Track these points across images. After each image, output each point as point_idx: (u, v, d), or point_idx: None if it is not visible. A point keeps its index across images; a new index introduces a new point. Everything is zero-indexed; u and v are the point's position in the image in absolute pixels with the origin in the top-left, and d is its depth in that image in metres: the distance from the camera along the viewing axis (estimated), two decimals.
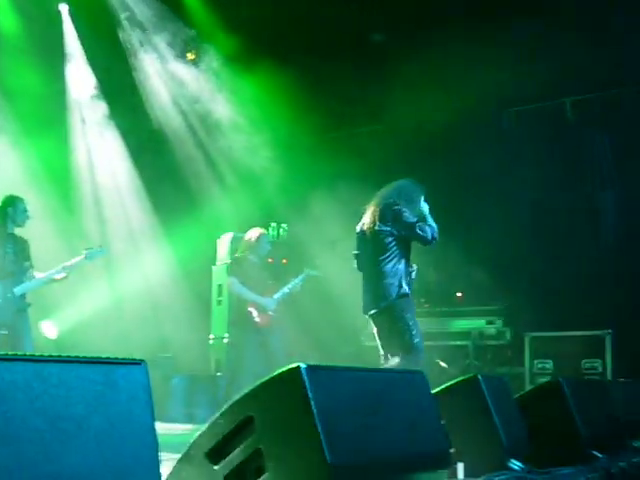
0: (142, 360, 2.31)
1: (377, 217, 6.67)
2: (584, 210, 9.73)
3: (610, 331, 9.33)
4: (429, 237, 6.68)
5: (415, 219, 6.66)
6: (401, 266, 6.69)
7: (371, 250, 6.75)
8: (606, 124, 10.54)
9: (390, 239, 6.64)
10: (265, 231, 9.56)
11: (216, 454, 2.79)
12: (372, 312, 6.82)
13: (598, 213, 9.88)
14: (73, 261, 7.80)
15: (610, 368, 9.18)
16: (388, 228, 6.62)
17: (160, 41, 12.42)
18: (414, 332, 6.57)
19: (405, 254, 6.74)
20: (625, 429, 5.48)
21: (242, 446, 2.71)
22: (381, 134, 12.65)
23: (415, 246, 6.87)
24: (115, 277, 12.32)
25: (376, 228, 6.66)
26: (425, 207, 6.91)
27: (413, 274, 6.94)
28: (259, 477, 2.64)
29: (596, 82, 10.61)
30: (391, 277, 6.64)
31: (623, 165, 10.19)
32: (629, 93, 10.57)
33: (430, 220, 6.82)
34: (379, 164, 11.96)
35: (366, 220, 6.83)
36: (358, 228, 6.96)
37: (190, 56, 12.80)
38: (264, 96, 12.10)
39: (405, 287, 6.65)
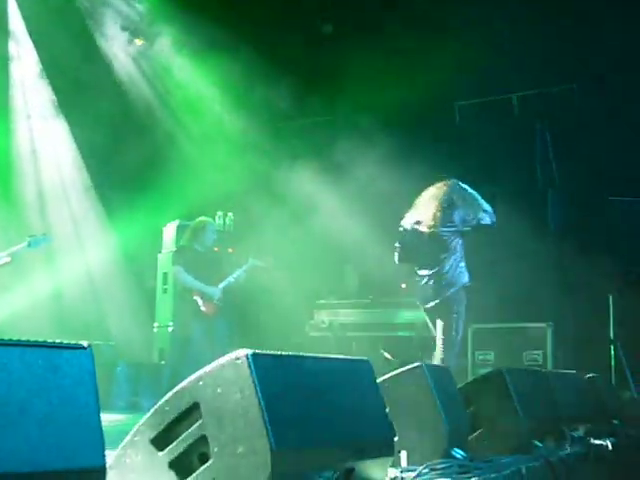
0: (88, 345, 2.28)
1: (439, 219, 7.30)
2: (529, 204, 9.85)
3: (551, 323, 9.47)
4: (490, 223, 7.43)
5: (473, 214, 7.35)
6: (461, 261, 7.42)
7: (433, 249, 7.36)
8: (549, 120, 10.68)
9: (452, 238, 7.31)
10: (211, 220, 9.52)
11: (161, 440, 2.77)
12: (432, 304, 7.42)
13: (544, 207, 10.01)
14: (15, 248, 7.67)
15: (551, 360, 9.33)
16: (453, 229, 7.31)
17: (113, 22, 12.25)
18: (461, 326, 7.34)
19: (463, 249, 7.46)
20: (565, 419, 5.58)
21: (187, 432, 2.70)
22: (334, 124, 12.67)
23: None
24: (58, 265, 12.14)
25: (438, 229, 7.30)
26: (474, 192, 7.52)
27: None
28: (204, 463, 2.64)
29: (540, 79, 10.75)
30: (452, 271, 7.30)
31: (564, 160, 10.34)
32: (571, 90, 10.73)
33: (484, 205, 7.45)
34: (331, 155, 11.99)
35: (423, 219, 7.40)
36: (408, 225, 7.53)
37: (138, 42, 12.65)
38: (215, 84, 12.04)
39: (467, 278, 7.42)
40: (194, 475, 2.66)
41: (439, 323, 7.37)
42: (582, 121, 10.30)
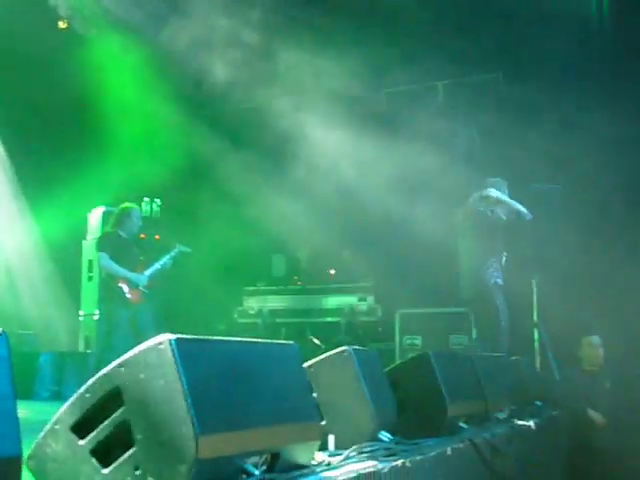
0: (1, 331, 2.21)
1: (467, 223, 8.29)
2: (456, 189, 9.94)
3: None
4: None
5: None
6: (493, 258, 8.13)
7: (470, 245, 8.23)
8: (474, 107, 10.79)
9: (480, 239, 8.14)
10: (136, 206, 9.39)
11: (82, 428, 2.70)
12: (468, 296, 8.29)
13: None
14: None
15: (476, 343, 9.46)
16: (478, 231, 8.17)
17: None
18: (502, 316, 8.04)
19: (493, 249, 8.22)
20: (490, 401, 5.65)
21: (109, 420, 2.64)
22: (257, 112, 12.61)
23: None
24: None
25: (468, 231, 8.31)
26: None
27: (503, 260, 8.39)
28: (127, 450, 2.58)
29: (466, 68, 10.87)
30: (484, 269, 8.07)
31: (487, 147, 10.46)
32: (496, 78, 10.86)
33: (515, 205, 8.28)
34: (254, 143, 11.96)
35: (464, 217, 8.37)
36: None
37: (62, 24, 12.34)
38: (139, 69, 11.87)
39: (498, 279, 8.11)
40: (116, 463, 2.60)
41: (481, 314, 8.22)
42: (506, 109, 10.42)
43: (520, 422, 5.97)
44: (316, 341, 11.05)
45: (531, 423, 6.11)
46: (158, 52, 11.26)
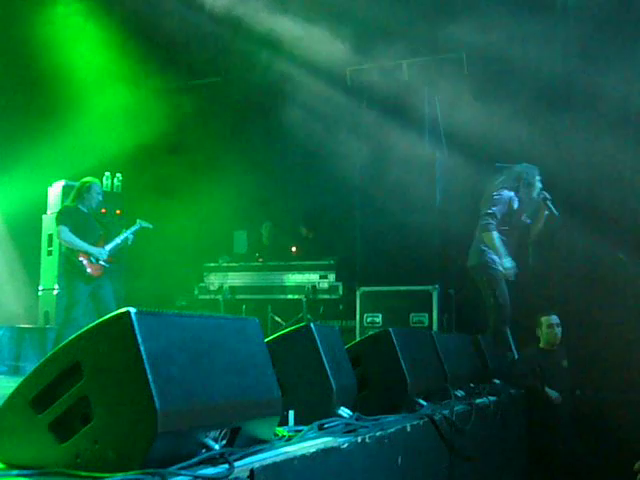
0: None
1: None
2: (418, 167, 9.97)
3: (437, 286, 9.66)
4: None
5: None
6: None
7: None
8: (438, 86, 10.79)
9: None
10: (97, 181, 9.33)
11: (40, 402, 2.68)
12: (469, 265, 8.91)
13: (433, 172, 10.13)
14: None
15: (436, 322, 9.54)
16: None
17: None
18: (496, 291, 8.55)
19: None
20: (449, 379, 5.71)
21: (68, 393, 2.61)
22: (220, 87, 12.55)
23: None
24: None
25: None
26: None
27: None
28: (86, 424, 2.56)
29: (430, 46, 10.88)
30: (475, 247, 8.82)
31: (451, 126, 10.49)
32: (460, 58, 10.89)
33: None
34: (217, 116, 11.88)
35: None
36: None
37: None
38: (99, 41, 11.72)
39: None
40: (75, 437, 2.58)
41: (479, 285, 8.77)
42: (470, 88, 10.44)
43: (479, 400, 6.04)
44: (277, 318, 11.06)
45: (489, 401, 6.19)
46: (124, 20, 11.14)
